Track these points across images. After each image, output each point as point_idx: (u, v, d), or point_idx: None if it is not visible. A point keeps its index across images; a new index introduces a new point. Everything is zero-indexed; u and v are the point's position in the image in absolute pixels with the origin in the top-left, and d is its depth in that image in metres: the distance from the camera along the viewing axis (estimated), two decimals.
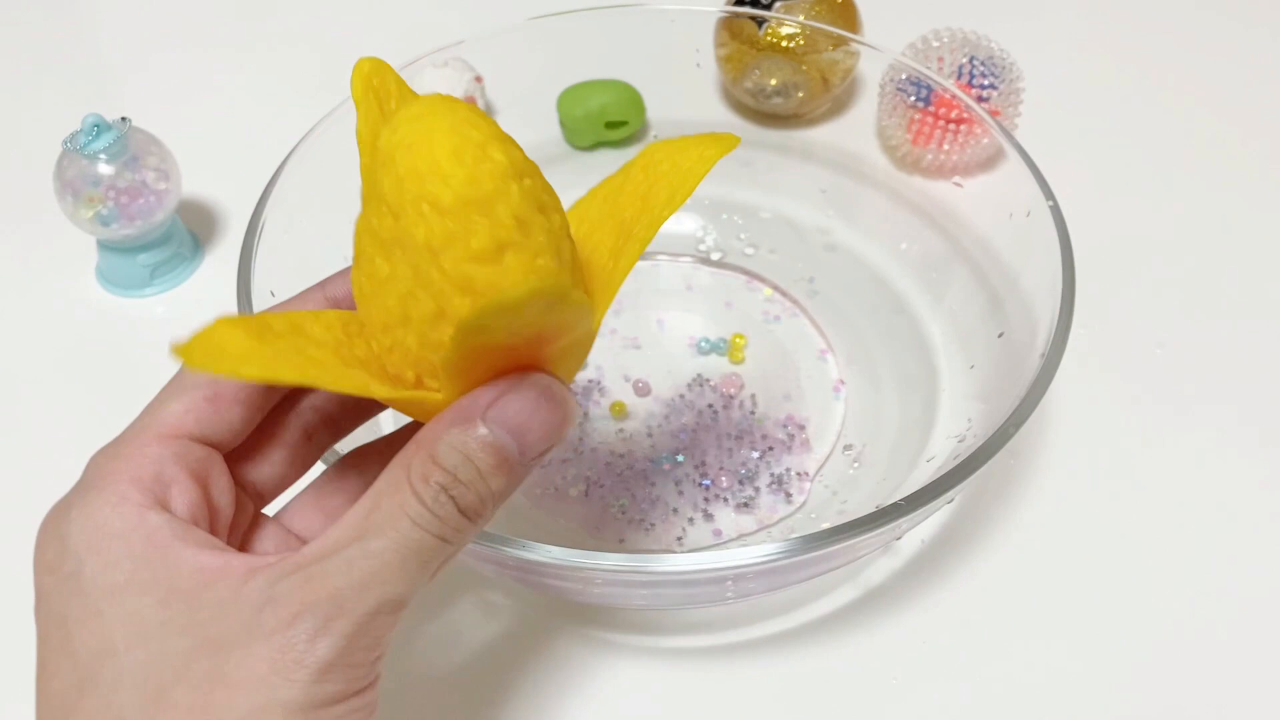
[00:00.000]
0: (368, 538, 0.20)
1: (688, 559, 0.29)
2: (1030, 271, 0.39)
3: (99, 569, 0.20)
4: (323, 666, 0.19)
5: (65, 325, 0.48)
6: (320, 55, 0.63)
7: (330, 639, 0.20)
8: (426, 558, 0.21)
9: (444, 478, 0.21)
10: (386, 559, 0.20)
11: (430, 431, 0.21)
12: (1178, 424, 0.43)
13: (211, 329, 0.20)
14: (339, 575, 0.20)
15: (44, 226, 0.51)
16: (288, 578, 0.20)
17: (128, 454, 0.22)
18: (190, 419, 0.23)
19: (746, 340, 0.45)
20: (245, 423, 0.24)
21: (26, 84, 0.63)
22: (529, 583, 0.34)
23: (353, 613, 0.20)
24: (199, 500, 0.22)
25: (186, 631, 0.20)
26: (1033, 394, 0.32)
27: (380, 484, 0.21)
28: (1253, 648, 0.36)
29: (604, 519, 0.39)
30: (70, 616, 0.20)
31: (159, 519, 0.21)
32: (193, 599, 0.20)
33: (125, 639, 0.20)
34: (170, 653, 0.20)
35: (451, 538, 0.21)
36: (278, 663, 0.19)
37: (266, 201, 0.37)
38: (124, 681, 0.19)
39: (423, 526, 0.20)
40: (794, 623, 0.37)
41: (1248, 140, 0.56)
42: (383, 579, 0.20)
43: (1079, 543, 0.39)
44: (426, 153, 0.20)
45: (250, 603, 0.20)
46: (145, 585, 0.20)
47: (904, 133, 0.50)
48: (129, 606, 0.20)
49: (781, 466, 0.41)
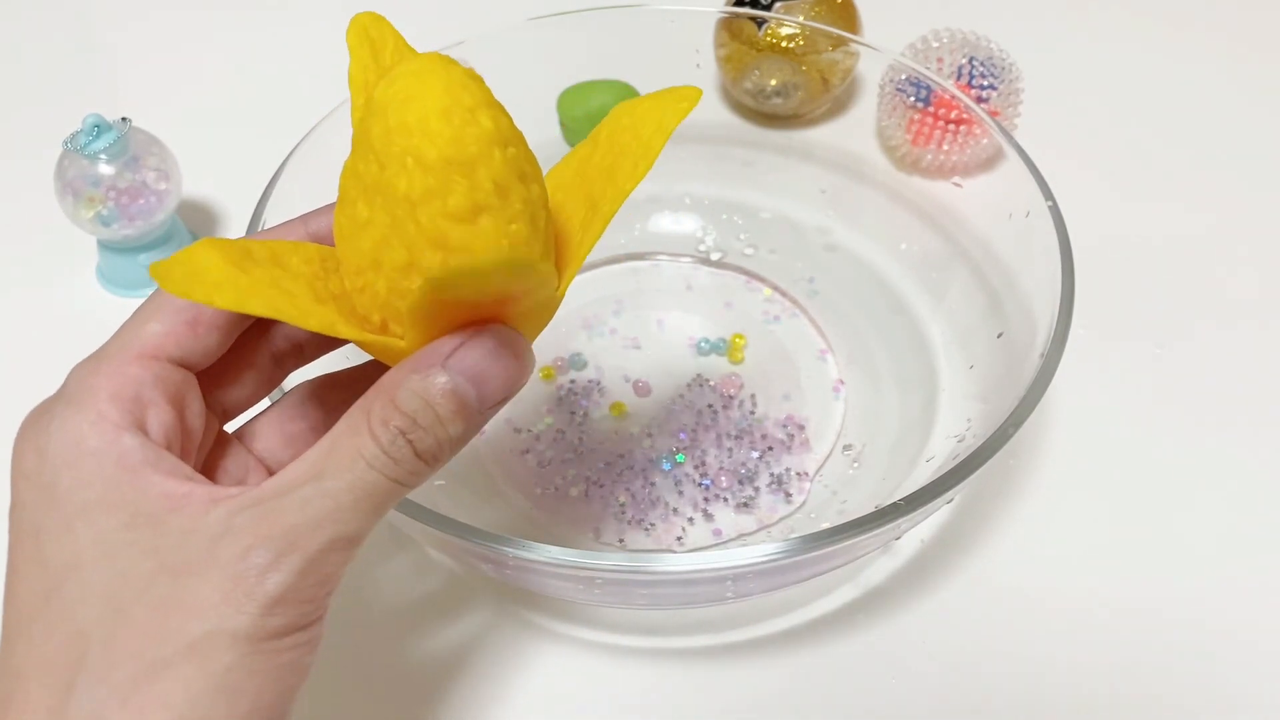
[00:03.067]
0: (324, 477, 0.21)
1: (688, 559, 0.29)
2: (1030, 271, 0.39)
3: (73, 485, 0.21)
4: (272, 600, 0.20)
5: (65, 325, 0.48)
6: (320, 55, 0.63)
7: (280, 574, 0.20)
8: (380, 499, 0.22)
9: (403, 422, 0.21)
10: (340, 499, 0.21)
11: (392, 377, 0.22)
12: (1177, 424, 0.43)
13: (192, 251, 0.21)
14: (294, 511, 0.21)
15: (44, 226, 0.51)
16: (246, 510, 0.21)
17: (109, 370, 0.23)
18: (170, 341, 0.23)
19: (746, 340, 0.46)
20: (220, 346, 0.24)
21: (26, 84, 0.63)
22: (529, 583, 0.34)
23: (305, 549, 0.21)
24: (173, 424, 0.23)
25: (149, 555, 0.21)
26: (1032, 394, 0.32)
27: (340, 426, 0.22)
28: (1253, 648, 0.36)
29: (604, 519, 0.39)
30: (43, 527, 0.21)
31: (133, 441, 0.22)
32: (158, 524, 0.21)
33: (92, 556, 0.21)
34: (133, 574, 0.20)
35: (405, 480, 0.22)
36: (229, 593, 0.20)
37: (266, 201, 0.37)
38: (87, 596, 0.20)
39: (378, 469, 0.21)
40: (794, 623, 0.37)
41: (1248, 140, 0.56)
42: (336, 518, 0.21)
43: (1078, 543, 0.39)
44: (418, 109, 0.21)
45: (209, 533, 0.21)
46: (114, 506, 0.21)
47: (904, 133, 0.50)
48: (98, 525, 0.21)
49: (781, 466, 0.41)
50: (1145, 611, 0.37)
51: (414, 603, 0.37)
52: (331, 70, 0.53)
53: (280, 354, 0.27)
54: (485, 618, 0.37)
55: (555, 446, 0.42)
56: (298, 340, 0.27)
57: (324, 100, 0.41)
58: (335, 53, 0.67)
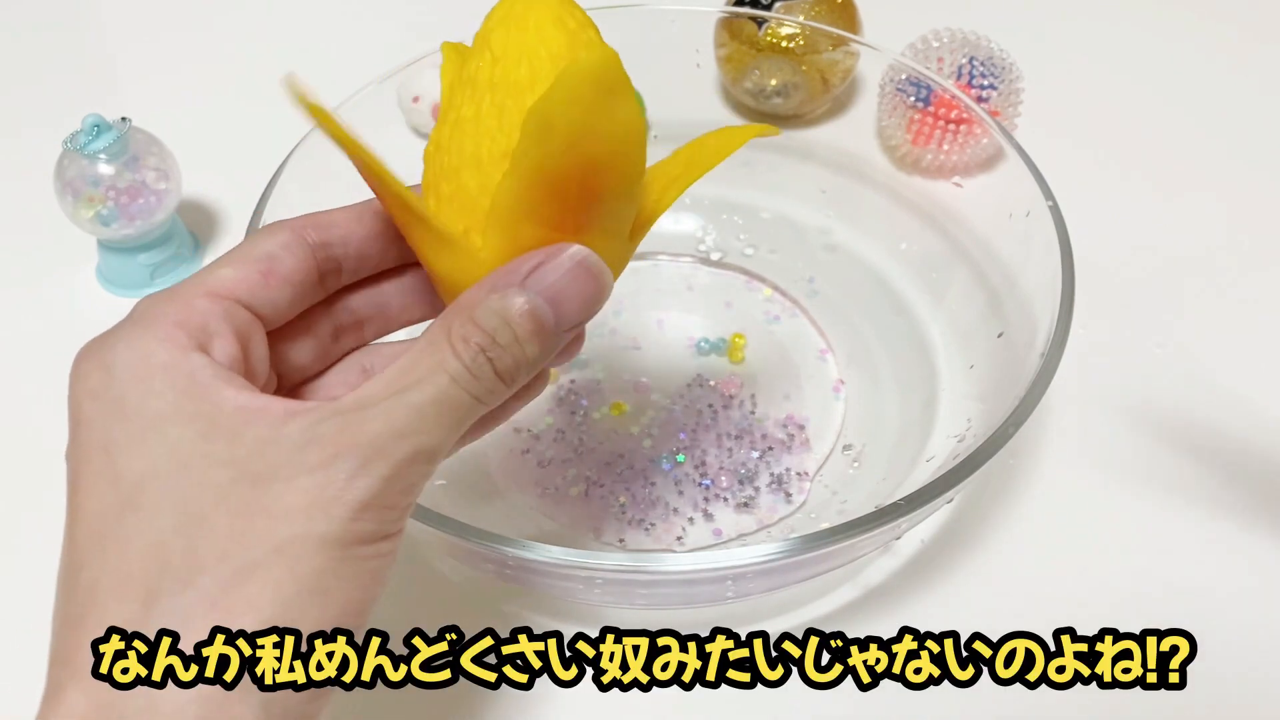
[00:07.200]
0: (407, 390, 0.21)
1: (688, 559, 0.29)
2: (1030, 271, 0.39)
3: (143, 396, 0.21)
4: (360, 504, 0.20)
5: (65, 325, 0.48)
6: (320, 55, 0.63)
7: (368, 479, 0.20)
8: (461, 414, 0.22)
9: (483, 339, 0.22)
10: (424, 410, 0.21)
11: (471, 295, 0.22)
12: (1177, 424, 0.43)
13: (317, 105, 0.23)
14: (378, 422, 0.21)
15: (44, 226, 0.51)
16: (328, 420, 0.21)
17: (178, 301, 0.23)
18: (242, 286, 0.24)
19: (746, 340, 0.46)
20: (291, 304, 0.25)
21: (26, 84, 0.63)
22: (529, 582, 0.34)
23: (390, 457, 0.21)
24: (239, 356, 0.23)
25: (227, 464, 0.21)
26: (1032, 394, 0.32)
27: (421, 342, 0.22)
28: (1254, 647, 0.36)
29: (604, 519, 0.39)
30: (113, 441, 0.21)
31: (201, 359, 0.22)
32: (233, 435, 0.21)
33: (167, 467, 0.21)
34: (211, 482, 0.20)
35: (485, 397, 0.22)
36: (317, 497, 0.20)
37: (266, 201, 0.37)
38: (165, 505, 0.20)
39: (460, 384, 0.22)
40: (794, 622, 0.37)
41: (1247, 140, 0.56)
42: (419, 429, 0.21)
43: (1078, 542, 0.39)
44: (535, 19, 0.23)
45: (291, 442, 0.21)
46: (189, 417, 0.21)
47: (904, 133, 0.50)
48: (172, 435, 0.21)
49: (781, 466, 0.41)
50: (1145, 611, 0.37)
51: (412, 603, 0.37)
52: (332, 70, 0.53)
53: (342, 327, 0.27)
54: (485, 618, 0.37)
55: (555, 446, 0.42)
56: (361, 315, 0.27)
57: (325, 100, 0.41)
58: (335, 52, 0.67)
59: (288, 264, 0.24)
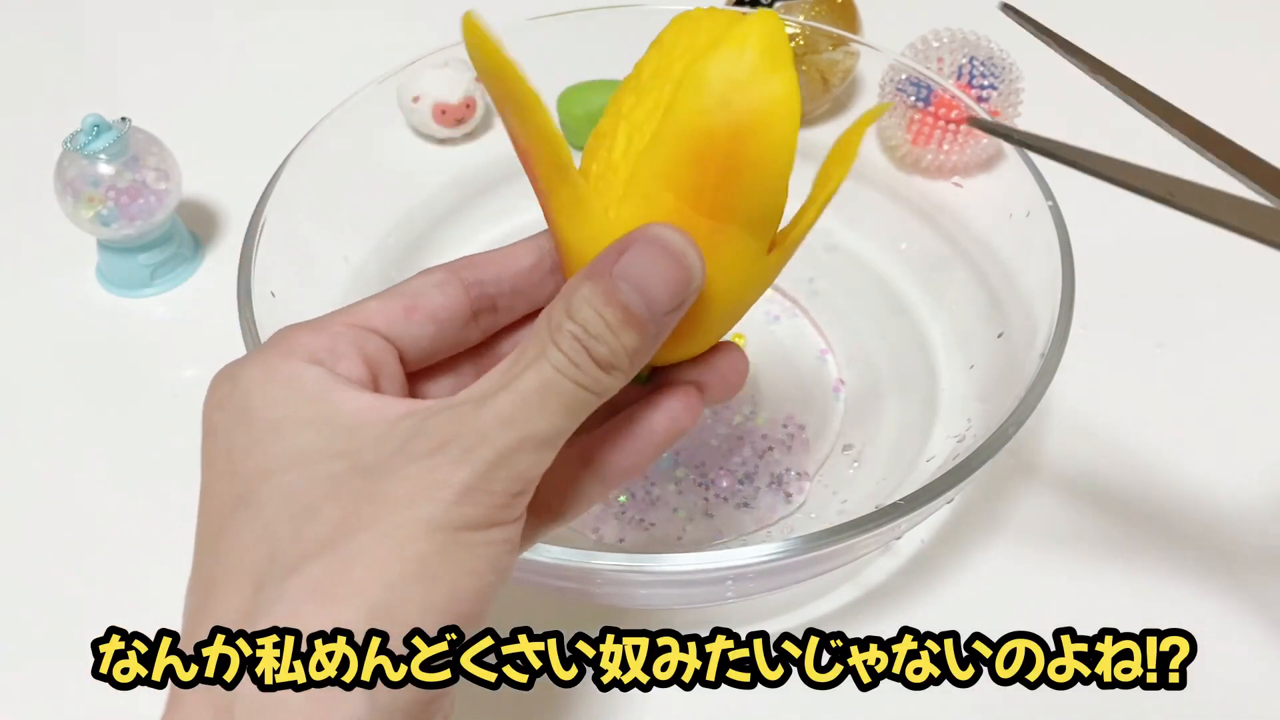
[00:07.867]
0: (514, 381, 0.22)
1: (688, 559, 0.29)
2: (1030, 272, 0.39)
3: (264, 403, 0.22)
4: (463, 488, 0.21)
5: (65, 325, 0.48)
6: (320, 56, 0.63)
7: (471, 465, 0.21)
8: (567, 402, 0.22)
9: (577, 329, 0.22)
10: (529, 398, 0.21)
11: (569, 285, 0.22)
12: (1177, 424, 0.43)
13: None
14: (485, 412, 0.21)
15: (44, 226, 0.51)
16: (438, 414, 0.21)
17: (312, 327, 0.24)
18: (380, 318, 0.24)
19: (746, 340, 0.46)
20: (432, 342, 0.25)
21: (26, 84, 0.63)
22: (530, 582, 0.34)
23: (495, 443, 0.21)
24: (365, 379, 0.23)
25: (341, 458, 0.21)
26: (1032, 394, 0.32)
27: (527, 335, 0.23)
28: (1253, 646, 0.36)
29: (604, 518, 0.39)
30: (235, 445, 0.22)
31: (321, 370, 0.23)
32: (349, 432, 0.21)
33: (282, 464, 0.21)
34: (323, 475, 0.21)
35: (591, 386, 0.22)
36: (422, 483, 0.21)
37: (266, 201, 0.37)
38: (275, 497, 0.21)
39: (562, 371, 0.22)
40: (794, 623, 0.37)
41: (1248, 140, 0.56)
42: (525, 416, 0.21)
43: (1078, 543, 0.39)
44: (713, 25, 0.24)
45: (401, 435, 0.21)
46: (307, 420, 0.22)
47: (904, 133, 0.50)
48: (289, 435, 0.22)
49: (781, 466, 0.41)
50: (1144, 611, 0.37)
51: None
52: (331, 70, 0.53)
53: (485, 367, 0.27)
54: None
55: None
56: (503, 353, 0.27)
57: (325, 100, 0.41)
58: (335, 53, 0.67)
59: (435, 300, 0.25)
